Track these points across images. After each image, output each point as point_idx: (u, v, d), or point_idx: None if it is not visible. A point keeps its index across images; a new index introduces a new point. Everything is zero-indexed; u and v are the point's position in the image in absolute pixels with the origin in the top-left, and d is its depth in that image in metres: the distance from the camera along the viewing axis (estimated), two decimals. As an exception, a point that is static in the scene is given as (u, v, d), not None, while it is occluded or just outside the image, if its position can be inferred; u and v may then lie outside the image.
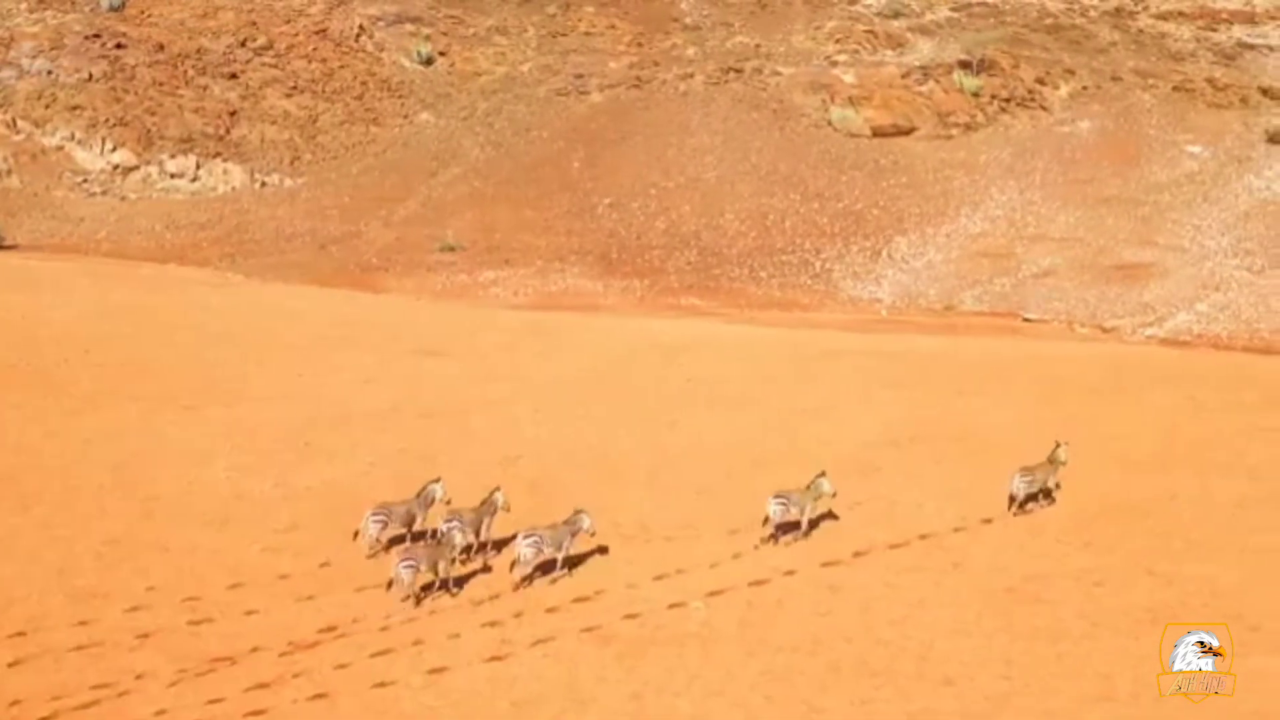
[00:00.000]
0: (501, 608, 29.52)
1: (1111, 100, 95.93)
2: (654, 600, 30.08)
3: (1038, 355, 54.99)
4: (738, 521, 34.68)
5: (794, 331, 58.39)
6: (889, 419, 43.81)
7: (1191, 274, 69.32)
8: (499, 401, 44.65)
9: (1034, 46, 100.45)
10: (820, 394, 46.95)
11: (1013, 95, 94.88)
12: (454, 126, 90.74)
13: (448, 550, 30.01)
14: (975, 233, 77.43)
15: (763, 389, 47.41)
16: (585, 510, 31.33)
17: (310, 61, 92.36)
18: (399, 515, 31.93)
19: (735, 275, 71.53)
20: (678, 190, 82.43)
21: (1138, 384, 50.07)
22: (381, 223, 77.15)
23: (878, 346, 55.49)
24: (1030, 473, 36.11)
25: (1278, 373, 53.13)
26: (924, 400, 46.45)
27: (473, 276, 68.92)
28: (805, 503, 33.83)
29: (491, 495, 31.71)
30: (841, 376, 49.40)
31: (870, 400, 46.40)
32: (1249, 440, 42.50)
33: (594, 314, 61.33)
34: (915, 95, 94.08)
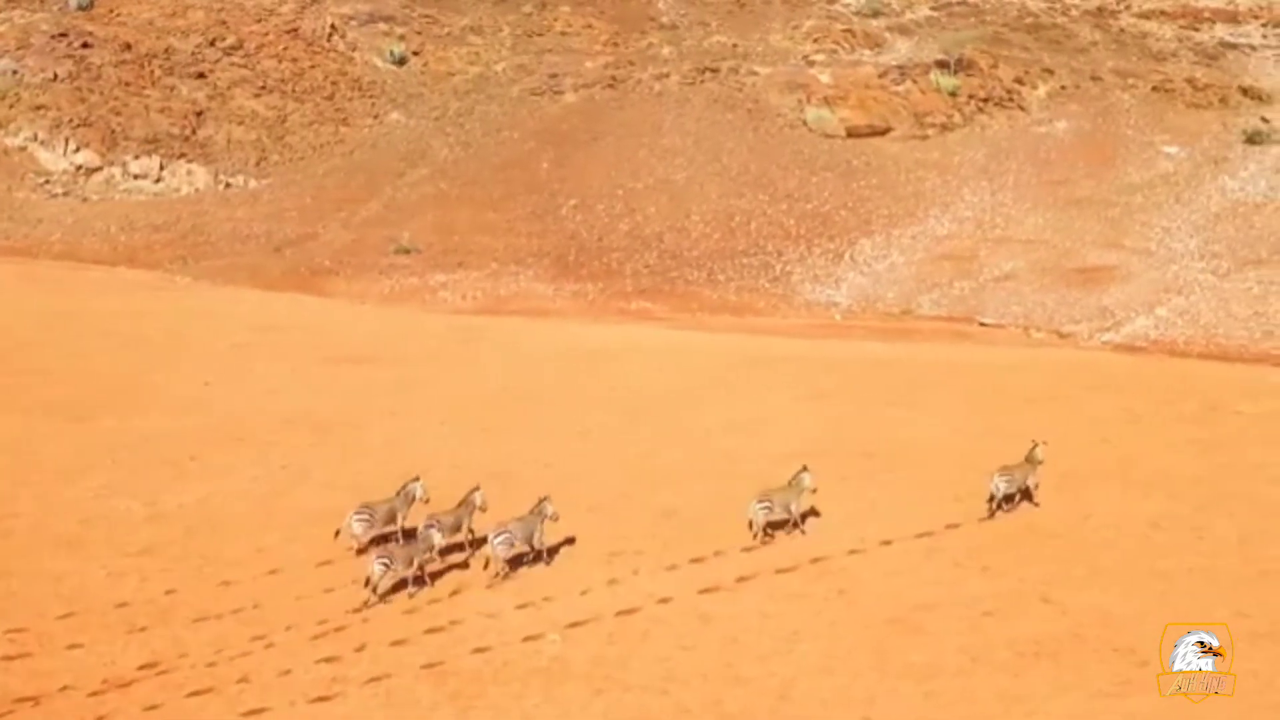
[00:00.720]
0: (345, 640, 27.47)
1: (1090, 100, 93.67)
2: (510, 632, 28.00)
3: (981, 362, 52.77)
4: (622, 543, 32.58)
5: (737, 337, 56.23)
6: (807, 432, 41.65)
7: (1155, 277, 67.01)
8: (405, 412, 42.66)
9: (1014, 46, 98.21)
10: (743, 405, 44.82)
11: (990, 95, 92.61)
12: (424, 127, 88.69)
13: (423, 548, 29.67)
14: (942, 235, 75.18)
15: (685, 399, 45.32)
16: (549, 497, 31.20)
17: (280, 61, 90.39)
18: (382, 514, 31.63)
19: (693, 278, 69.33)
20: (645, 191, 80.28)
21: (1077, 393, 47.88)
22: (340, 224, 75.06)
23: (818, 353, 53.40)
24: (1009, 472, 35.15)
25: (1223, 381, 50.66)
26: (849, 411, 44.31)
27: (423, 279, 66.84)
28: (790, 500, 33.21)
29: (470, 495, 31.35)
30: (770, 386, 47.25)
31: (793, 412, 44.28)
32: (1177, 455, 40.38)
33: (535, 319, 59.19)
34: (891, 95, 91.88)
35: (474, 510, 31.28)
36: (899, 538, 33.57)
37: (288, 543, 32.00)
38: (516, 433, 40.87)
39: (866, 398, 46.36)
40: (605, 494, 35.81)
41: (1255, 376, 52.58)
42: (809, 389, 47.31)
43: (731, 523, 33.70)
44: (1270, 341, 58.39)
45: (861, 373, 50.06)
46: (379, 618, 28.36)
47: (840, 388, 47.69)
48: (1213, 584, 31.23)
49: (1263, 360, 56.23)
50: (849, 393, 46.96)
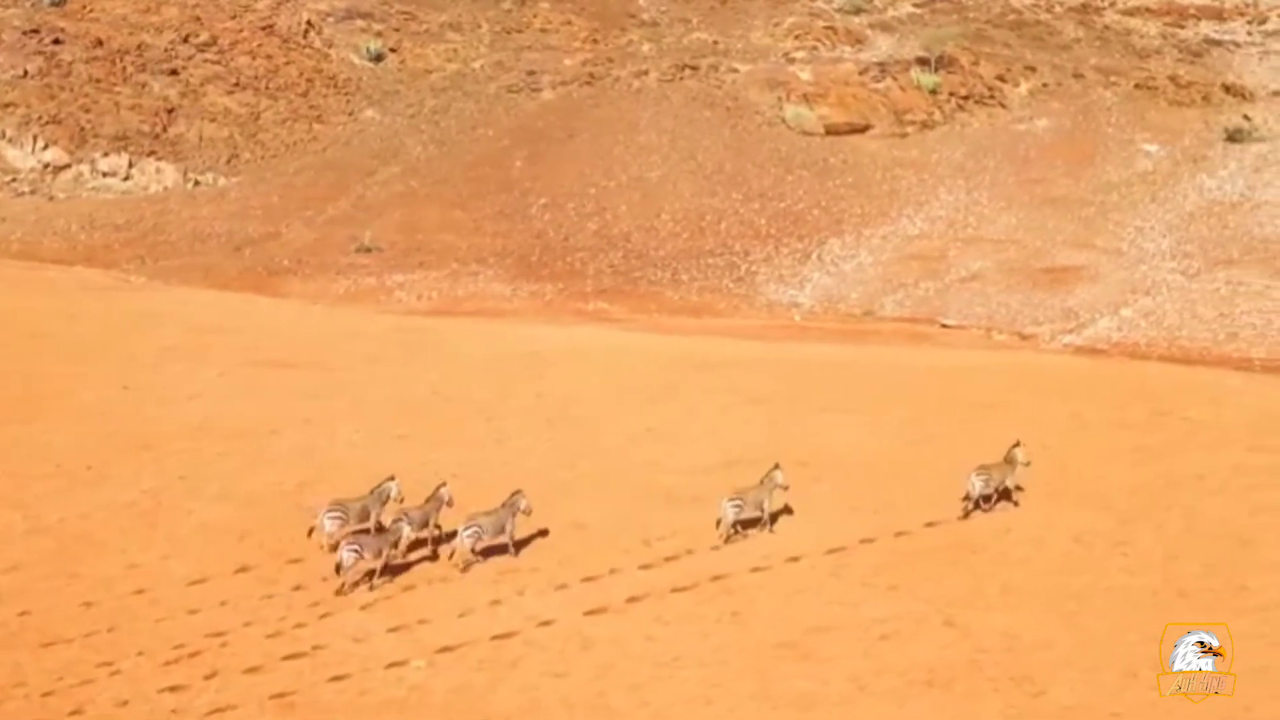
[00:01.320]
0: (196, 667, 25.68)
1: (1072, 98, 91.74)
2: (375, 658, 26.22)
3: (933, 366, 50.90)
4: (517, 560, 30.68)
5: (688, 340, 54.35)
6: (735, 440, 39.84)
7: (1123, 278, 65.08)
8: (322, 419, 40.85)
9: (996, 43, 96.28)
10: (674, 411, 43.00)
11: (971, 93, 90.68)
12: (399, 124, 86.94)
13: (393, 540, 29.57)
14: (913, 234, 73.28)
15: (615, 405, 43.52)
16: (521, 492, 30.96)
17: (255, 58, 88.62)
18: (355, 512, 31.11)
19: (657, 278, 67.52)
20: (618, 190, 78.48)
21: (1025, 398, 46.00)
22: (305, 223, 73.34)
23: (767, 356, 51.53)
24: (986, 471, 34.18)
25: (1178, 386, 48.74)
26: (784, 418, 42.50)
27: (381, 279, 65.09)
28: (762, 498, 32.56)
29: (437, 490, 31.16)
30: (707, 391, 45.42)
31: (725, 418, 42.50)
32: (1116, 464, 38.56)
33: (486, 320, 57.47)
34: (871, 93, 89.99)
35: (441, 506, 30.95)
36: (808, 553, 31.83)
37: (163, 560, 30.31)
38: (432, 440, 39.12)
39: (808, 403, 44.57)
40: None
41: (1212, 380, 50.63)
42: (749, 394, 45.47)
43: (635, 538, 32.02)
44: (1233, 344, 56.46)
45: (807, 377, 48.20)
46: (240, 641, 26.65)
47: (782, 392, 45.83)
48: (1127, 604, 29.46)
49: (1223, 363, 54.31)
50: (791, 398, 45.14)
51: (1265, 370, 53.27)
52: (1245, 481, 37.76)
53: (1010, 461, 34.80)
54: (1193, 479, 38.06)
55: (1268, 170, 79.74)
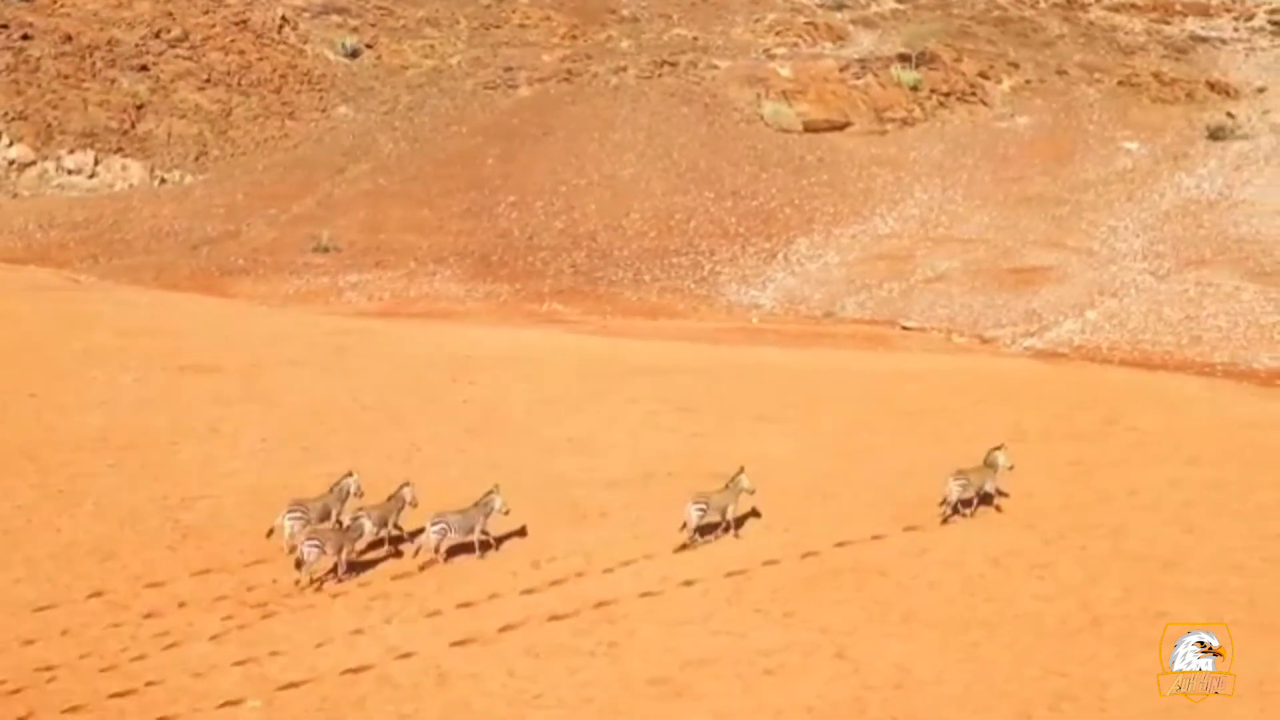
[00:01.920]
0: (12, 707, 23.39)
1: (1054, 95, 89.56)
2: (211, 695, 24.09)
3: (880, 371, 48.68)
4: (393, 584, 28.62)
5: (635, 343, 52.28)
6: (656, 451, 37.72)
7: (1091, 278, 62.78)
8: (229, 428, 38.73)
9: (979, 39, 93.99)
10: (599, 420, 40.85)
11: (953, 89, 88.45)
12: (372, 121, 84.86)
13: (354, 536, 28.66)
14: (883, 233, 71.08)
15: (539, 413, 41.32)
16: (497, 489, 29.92)
17: (227, 53, 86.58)
18: (316, 511, 30.01)
19: (618, 279, 65.36)
20: (589, 188, 76.35)
21: (970, 406, 43.83)
22: (267, 222, 71.29)
23: (711, 361, 49.34)
24: (964, 475, 32.72)
25: (1132, 392, 46.54)
26: (712, 428, 40.31)
27: (335, 279, 63.03)
28: (727, 502, 31.15)
29: (400, 490, 30.20)
30: (639, 399, 43.31)
31: (653, 427, 40.33)
32: (1051, 478, 36.31)
33: (432, 322, 55.41)
34: (851, 90, 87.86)
35: (404, 505, 30.02)
36: (705, 577, 29.58)
37: (15, 584, 28.23)
38: (339, 451, 36.84)
39: (741, 411, 42.40)
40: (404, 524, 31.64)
41: (1169, 386, 48.47)
42: (682, 401, 43.33)
43: (526, 559, 29.82)
44: (1196, 348, 54.17)
45: (747, 382, 46.08)
46: (69, 677, 24.51)
47: (717, 399, 43.72)
48: (1033, 634, 27.29)
49: (1185, 368, 52.10)
50: (725, 405, 43.00)
51: (1226, 375, 51.03)
52: (1180, 497, 35.55)
53: (991, 465, 33.38)
54: (1126, 494, 35.88)
55: (1248, 168, 77.41)
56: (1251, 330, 55.90)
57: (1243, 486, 36.53)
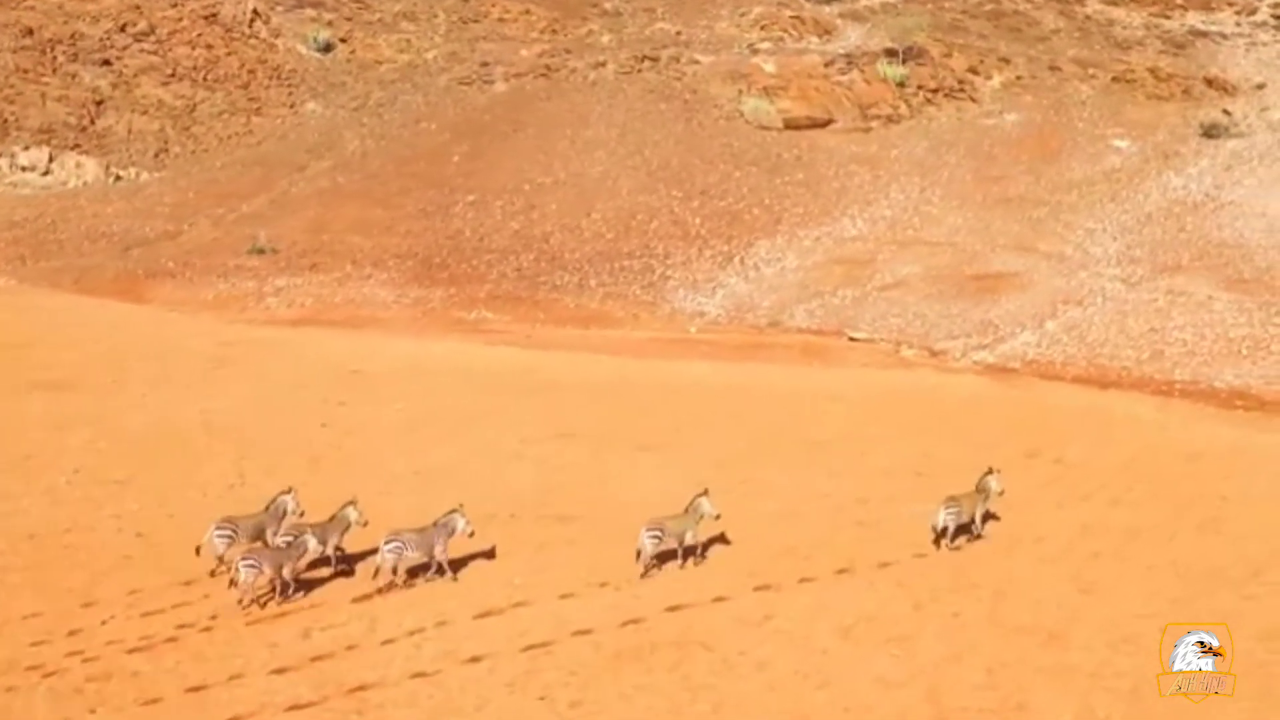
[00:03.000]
0: None
1: (1046, 91, 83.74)
2: None
3: (801, 390, 43.79)
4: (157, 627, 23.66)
5: (547, 356, 47.45)
6: (509, 488, 32.97)
7: (1057, 286, 57.44)
8: (47, 455, 34.63)
9: (970, 34, 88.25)
10: (463, 448, 36.12)
11: (941, 85, 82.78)
12: (341, 117, 79.97)
13: (295, 554, 26.56)
14: (849, 236, 65.76)
15: (400, 441, 36.58)
16: (460, 509, 27.76)
17: (194, 48, 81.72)
18: (247, 529, 27.89)
19: (562, 283, 60.33)
20: (553, 187, 71.25)
21: (881, 432, 38.87)
22: (212, 222, 66.55)
23: (620, 377, 44.59)
24: (955, 502, 30.01)
25: (1070, 417, 41.50)
26: (583, 458, 35.49)
27: (260, 284, 58.28)
28: (685, 528, 28.47)
29: (343, 510, 28.01)
30: (519, 422, 38.47)
31: (516, 458, 35.60)
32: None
33: (342, 331, 50.71)
34: (835, 85, 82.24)
35: (348, 525, 27.84)
36: (498, 650, 24.97)
37: None
38: (157, 485, 32.28)
39: (626, 437, 37.58)
40: (173, 574, 26.73)
41: (1116, 409, 43.39)
42: (568, 424, 38.59)
43: (292, 630, 24.84)
44: (1156, 363, 48.79)
45: (646, 403, 41.19)
46: None
47: (608, 422, 38.93)
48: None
49: (1142, 385, 46.78)
50: (610, 430, 38.16)
51: (1183, 395, 45.70)
52: (1090, 546, 30.52)
53: (982, 490, 30.80)
54: (1030, 542, 30.86)
55: (1239, 168, 71.71)
56: (1218, 344, 50.44)
57: (1163, 533, 31.45)
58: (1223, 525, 32.28)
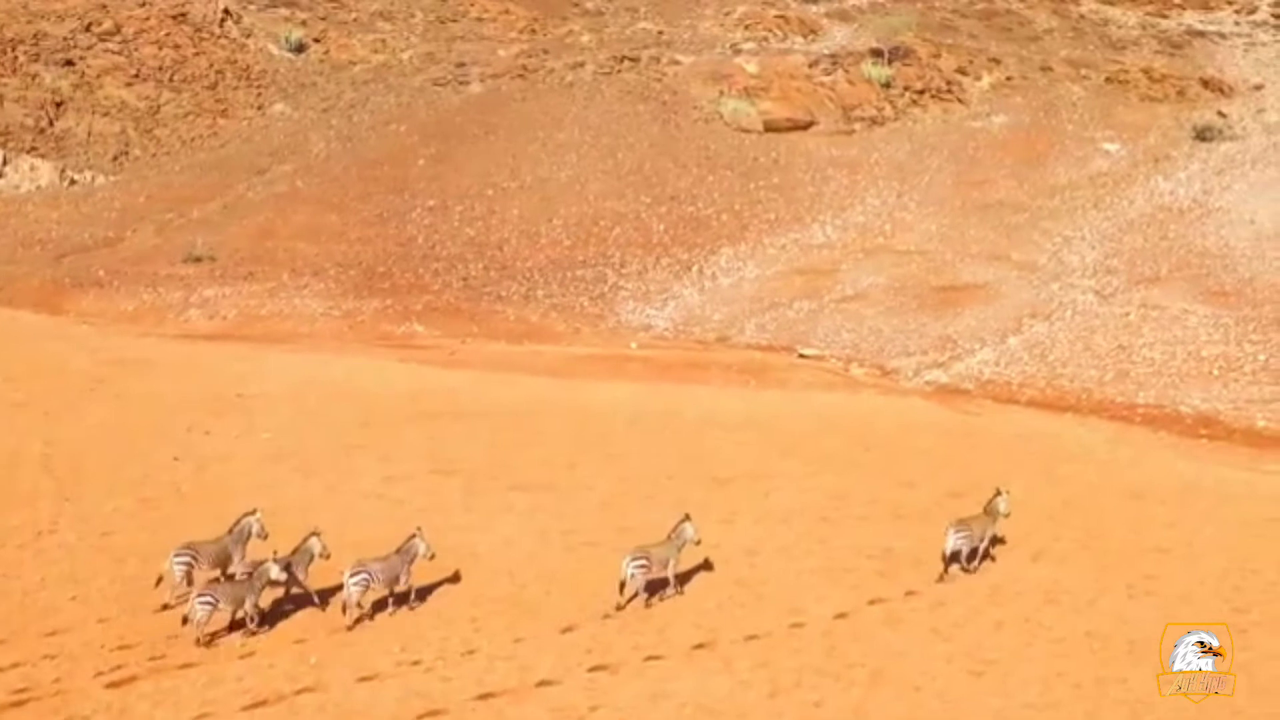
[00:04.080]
0: None
1: (1036, 92, 78.99)
2: None
3: (721, 418, 39.39)
4: None
5: (457, 376, 43.26)
6: (364, 530, 28.28)
7: (1026, 298, 52.62)
8: None
9: (960, 33, 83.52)
10: (316, 487, 31.80)
11: (927, 86, 78.10)
12: (309, 119, 75.55)
13: (257, 585, 24.21)
14: (817, 243, 61.08)
15: (253, 476, 32.33)
16: (419, 532, 25.49)
17: (161, 48, 77.39)
18: (209, 554, 25.27)
19: (508, 294, 55.83)
20: (518, 191, 66.71)
21: (792, 469, 34.42)
22: (157, 228, 62.29)
23: (530, 402, 40.17)
24: (965, 526, 27.44)
25: (1015, 448, 36.83)
26: (447, 500, 31.35)
27: (188, 295, 53.98)
28: (668, 556, 26.01)
29: (306, 541, 25.44)
30: (393, 455, 34.18)
31: (374, 499, 31.40)
32: (826, 583, 25.97)
33: (252, 346, 46.48)
34: (817, 86, 77.58)
35: (312, 558, 25.30)
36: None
37: None
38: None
39: (504, 475, 33.30)
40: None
41: (1067, 439, 38.80)
42: (447, 458, 34.41)
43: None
44: (1120, 385, 43.98)
45: (546, 433, 36.74)
46: None
47: (491, 456, 34.56)
48: None
49: (1102, 409, 42.07)
50: (494, 465, 33.70)
51: (1145, 422, 40.98)
52: (996, 614, 26.15)
53: (990, 512, 28.21)
54: (929, 608, 26.55)
55: (1231, 172, 66.71)
56: (1188, 363, 45.57)
57: (1085, 595, 26.82)
58: (1156, 585, 27.42)
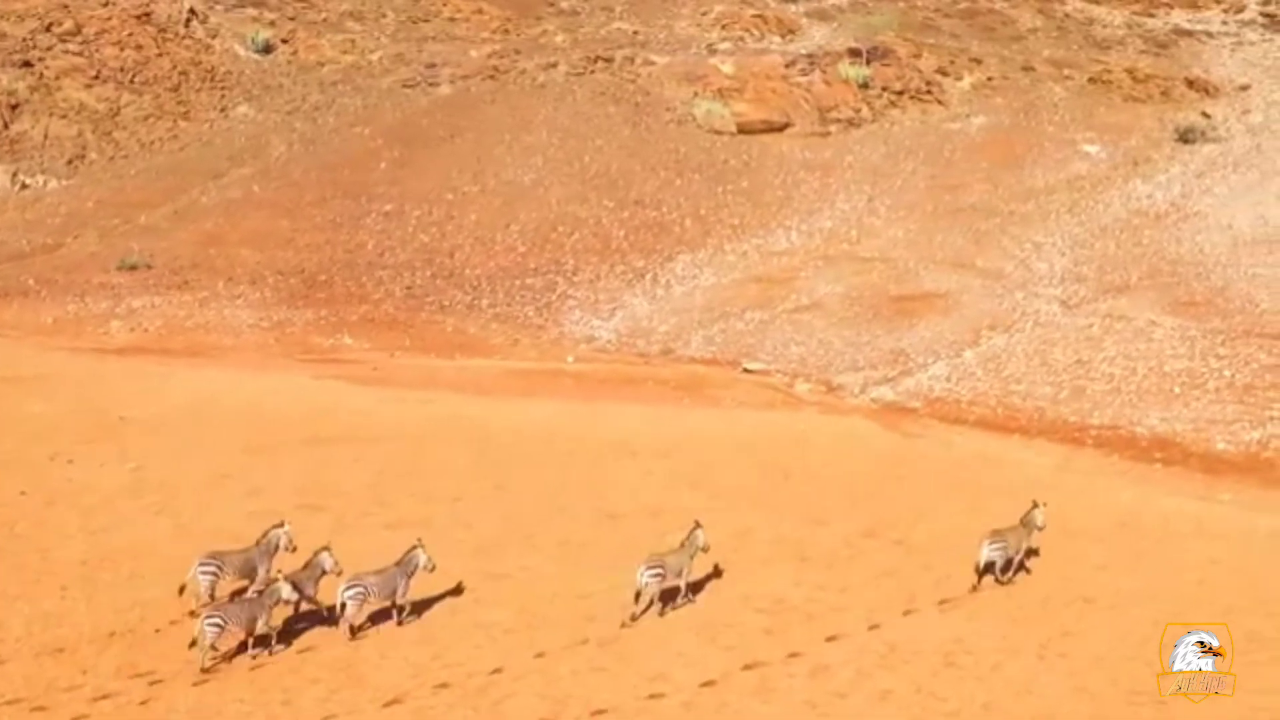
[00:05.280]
0: None
1: (1017, 93, 75.31)
2: None
3: (636, 442, 35.93)
4: None
5: (375, 393, 39.86)
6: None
7: (986, 308, 49.18)
8: None
9: (942, 33, 79.83)
10: (181, 522, 28.93)
11: (906, 87, 74.46)
12: (272, 121, 72.24)
13: (268, 604, 22.79)
14: (778, 250, 57.68)
15: (111, 511, 29.40)
16: (420, 544, 24.43)
17: (123, 49, 74.11)
18: (235, 565, 24.36)
19: (451, 304, 52.72)
20: (478, 196, 63.48)
21: (694, 505, 30.45)
22: (101, 234, 59.24)
23: (440, 424, 36.71)
24: (1001, 537, 26.51)
25: (944, 478, 33.19)
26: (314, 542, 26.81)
27: (114, 305, 50.96)
28: (681, 564, 25.27)
29: (317, 556, 24.33)
30: (267, 487, 30.75)
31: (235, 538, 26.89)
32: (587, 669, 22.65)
33: (161, 361, 43.48)
34: (793, 87, 73.98)
35: (322, 573, 24.13)
36: None
37: None
38: None
39: (386, 510, 30.65)
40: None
41: (1008, 465, 35.21)
42: (320, 492, 31.19)
43: None
44: (1075, 403, 40.60)
45: (441, 462, 33.37)
46: None
47: (368, 490, 31.50)
48: None
49: (1051, 431, 38.69)
50: (371, 500, 30.93)
51: (1097, 445, 37.60)
52: (882, 682, 22.74)
53: (1026, 525, 27.09)
54: (808, 674, 22.53)
55: (1211, 174, 63.18)
56: (1149, 380, 42.08)
57: (989, 659, 23.32)
58: (1072, 645, 23.98)
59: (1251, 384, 41.20)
